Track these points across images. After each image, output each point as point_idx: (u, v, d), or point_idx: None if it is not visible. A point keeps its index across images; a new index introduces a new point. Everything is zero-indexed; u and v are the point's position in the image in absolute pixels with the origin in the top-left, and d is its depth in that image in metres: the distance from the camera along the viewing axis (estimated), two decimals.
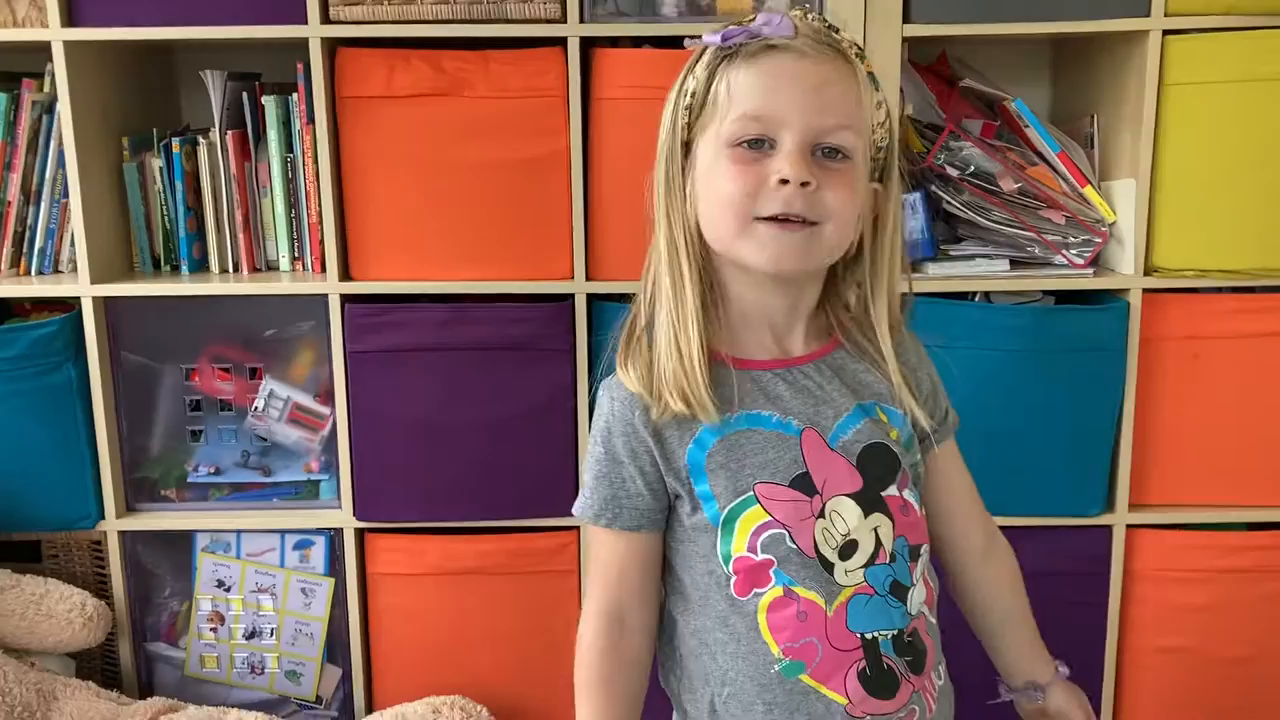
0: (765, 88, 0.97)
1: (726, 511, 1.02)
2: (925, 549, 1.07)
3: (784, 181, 0.96)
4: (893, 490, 1.04)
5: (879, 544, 1.02)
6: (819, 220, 0.98)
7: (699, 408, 1.01)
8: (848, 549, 1.02)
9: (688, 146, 1.03)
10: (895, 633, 1.02)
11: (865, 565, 1.02)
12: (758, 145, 0.98)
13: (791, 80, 0.97)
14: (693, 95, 1.01)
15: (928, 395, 1.11)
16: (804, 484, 1.01)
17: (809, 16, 1.01)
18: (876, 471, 1.03)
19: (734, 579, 1.02)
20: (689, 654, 1.06)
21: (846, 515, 1.02)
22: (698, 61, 1.02)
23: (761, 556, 1.01)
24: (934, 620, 1.08)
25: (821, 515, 1.01)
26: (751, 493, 1.01)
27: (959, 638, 1.16)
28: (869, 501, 1.02)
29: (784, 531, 1.01)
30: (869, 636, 1.01)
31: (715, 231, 1.01)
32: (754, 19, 1.00)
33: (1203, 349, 1.67)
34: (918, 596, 1.05)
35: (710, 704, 1.04)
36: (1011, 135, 1.78)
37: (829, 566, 1.01)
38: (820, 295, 1.08)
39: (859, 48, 1.01)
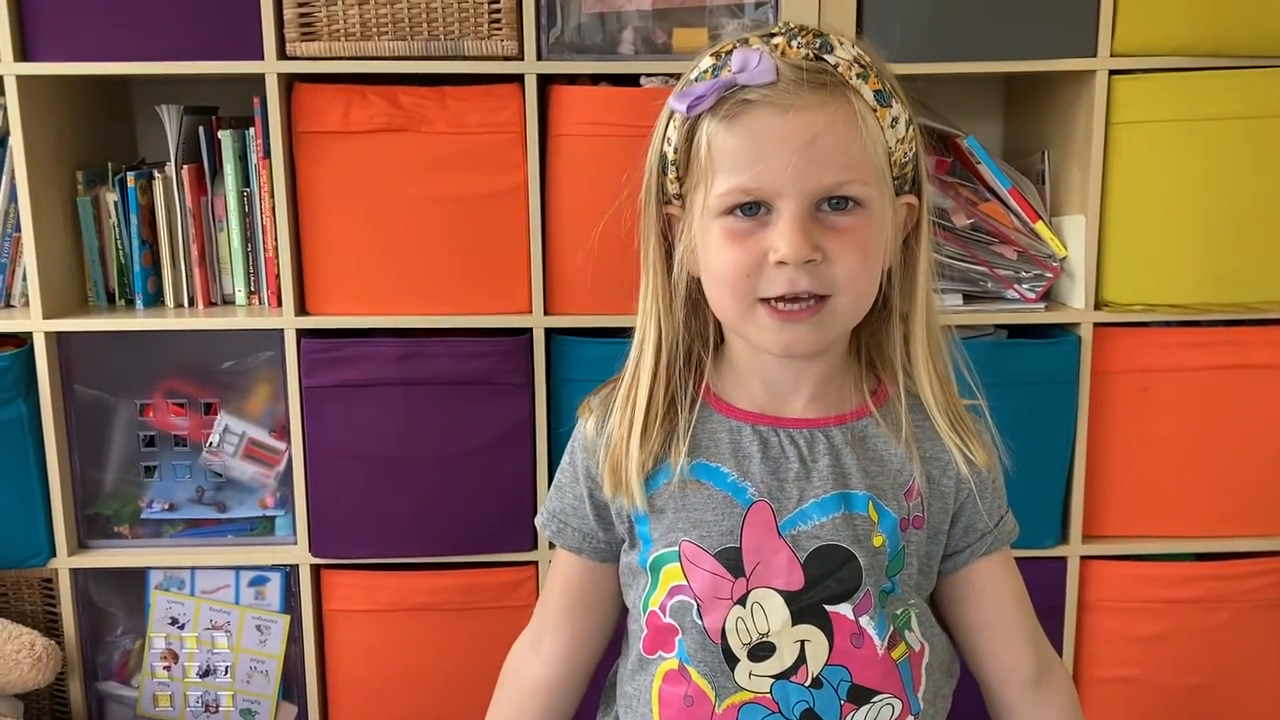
0: (749, 155, 0.84)
1: (654, 558, 0.93)
2: (889, 702, 0.91)
3: (783, 262, 0.84)
4: (843, 609, 0.89)
5: (802, 660, 0.89)
6: (829, 294, 0.86)
7: (625, 493, 0.93)
8: (761, 650, 0.90)
9: (681, 198, 0.92)
10: None
11: (776, 677, 0.89)
12: (751, 211, 0.86)
13: (778, 143, 0.83)
14: (675, 157, 0.90)
15: (967, 495, 0.95)
16: (731, 560, 0.90)
17: (793, 42, 0.85)
18: (824, 579, 0.89)
19: (644, 634, 0.95)
20: (618, 691, 1.02)
21: (771, 613, 0.89)
22: (669, 122, 0.90)
23: (668, 620, 0.92)
24: None
25: (742, 603, 0.89)
26: (677, 548, 0.92)
27: None
28: (804, 609, 0.89)
29: (694, 603, 0.91)
30: None
31: (717, 308, 0.91)
32: (726, 60, 0.86)
33: (1153, 382, 1.69)
34: None
35: None
36: (964, 171, 1.80)
37: (732, 660, 0.90)
38: (859, 344, 0.96)
39: (860, 63, 0.86)
